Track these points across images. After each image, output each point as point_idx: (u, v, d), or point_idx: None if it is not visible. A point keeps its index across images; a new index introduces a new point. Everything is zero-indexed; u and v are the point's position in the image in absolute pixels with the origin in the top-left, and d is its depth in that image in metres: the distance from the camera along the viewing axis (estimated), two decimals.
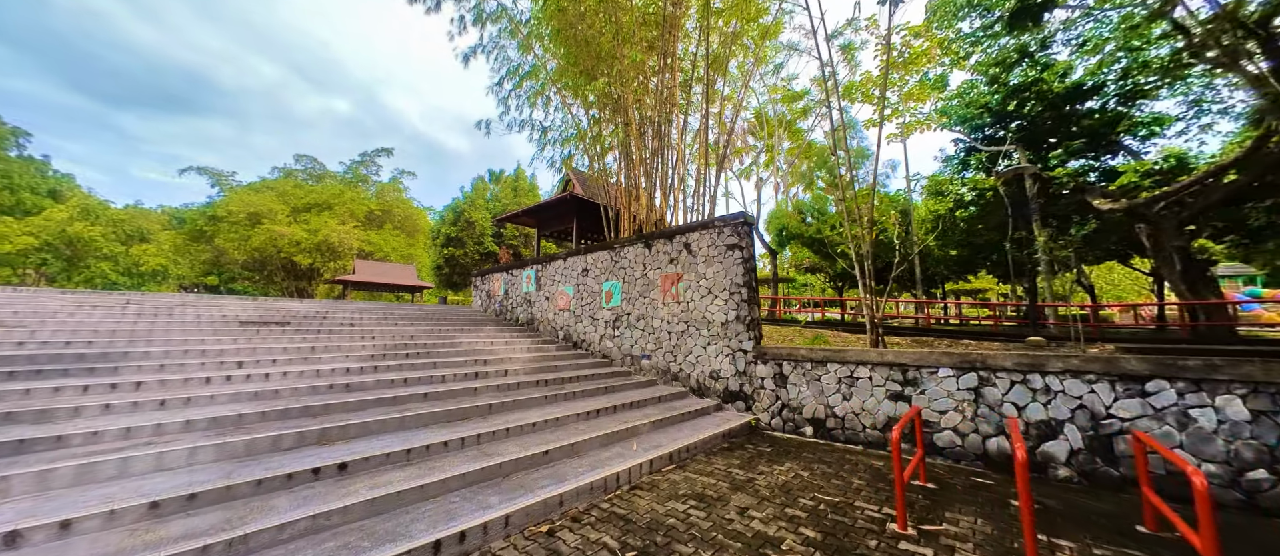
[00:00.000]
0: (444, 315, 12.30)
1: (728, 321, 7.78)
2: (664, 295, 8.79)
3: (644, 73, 10.43)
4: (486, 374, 7.46)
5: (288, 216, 32.62)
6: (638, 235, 9.43)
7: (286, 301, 11.37)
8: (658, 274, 8.98)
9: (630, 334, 9.34)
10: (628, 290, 9.52)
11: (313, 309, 10.47)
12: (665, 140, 10.28)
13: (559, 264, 11.26)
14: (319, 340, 8.12)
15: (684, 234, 8.64)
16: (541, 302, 11.69)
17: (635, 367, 9.17)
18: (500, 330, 11.33)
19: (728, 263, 7.90)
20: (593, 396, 7.29)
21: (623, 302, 9.57)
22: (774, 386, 7.17)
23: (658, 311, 8.89)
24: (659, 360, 8.77)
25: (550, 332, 11.31)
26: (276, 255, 31.23)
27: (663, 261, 8.91)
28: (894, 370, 6.09)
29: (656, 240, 9.07)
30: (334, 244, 31.65)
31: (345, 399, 5.44)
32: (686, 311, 8.40)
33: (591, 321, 10.21)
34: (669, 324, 8.67)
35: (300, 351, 7.29)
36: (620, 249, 9.76)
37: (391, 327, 9.88)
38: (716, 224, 8.14)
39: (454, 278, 31.34)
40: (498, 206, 31.70)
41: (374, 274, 32.87)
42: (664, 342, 8.72)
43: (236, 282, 38.66)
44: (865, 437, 6.22)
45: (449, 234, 31.02)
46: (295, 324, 8.99)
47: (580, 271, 10.63)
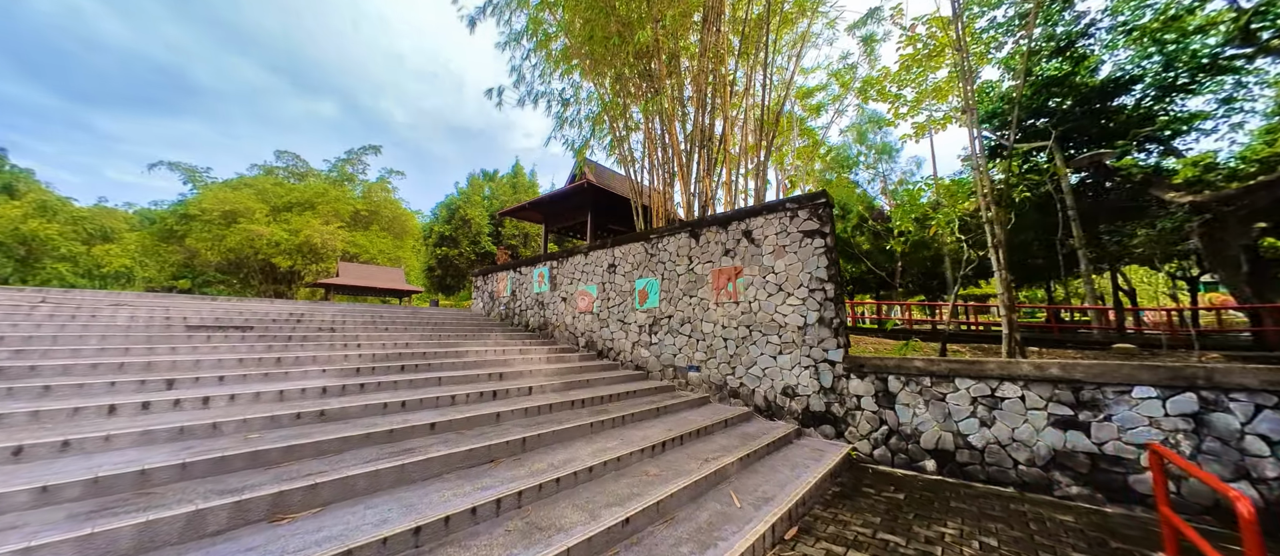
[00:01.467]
0: (441, 319, 10.48)
1: (807, 325, 6.19)
2: (717, 294, 7.17)
3: (685, 32, 8.87)
4: (506, 392, 5.71)
5: (267, 216, 30.25)
6: (680, 223, 7.81)
7: (255, 302, 9.45)
8: (708, 269, 7.35)
9: (672, 341, 7.68)
10: (668, 289, 7.87)
11: (285, 310, 8.57)
12: (716, 111, 8.70)
13: (579, 260, 9.56)
14: (289, 349, 6.28)
15: (742, 219, 7.04)
16: (557, 304, 9.96)
17: (679, 381, 7.50)
18: (509, 336, 9.55)
19: (804, 253, 6.32)
20: (645, 422, 5.60)
21: (661, 303, 7.92)
22: (876, 407, 5.58)
23: (708, 313, 7.26)
24: (711, 372, 7.12)
25: (568, 339, 9.57)
26: (253, 256, 28.82)
27: (715, 253, 7.30)
28: (1061, 388, 4.55)
29: (706, 228, 7.45)
30: (316, 245, 29.34)
31: (318, 435, 3.66)
32: (748, 313, 6.79)
33: (621, 326, 8.52)
34: (724, 328, 7.04)
35: (262, 365, 5.46)
36: (658, 240, 8.12)
37: (381, 333, 8.05)
38: (787, 206, 6.57)
39: (447, 280, 29.19)
40: (495, 204, 29.70)
41: (359, 277, 30.59)
42: (717, 351, 7.08)
43: (211, 286, 35.93)
44: (1018, 477, 4.65)
45: (442, 233, 28.86)
46: (261, 329, 7.12)
47: (606, 267, 8.95)
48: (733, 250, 7.08)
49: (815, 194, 6.34)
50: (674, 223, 8.86)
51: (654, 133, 9.56)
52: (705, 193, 8.78)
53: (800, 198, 6.47)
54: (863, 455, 5.57)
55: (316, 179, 35.31)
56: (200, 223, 28.29)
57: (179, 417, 3.72)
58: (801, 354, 6.20)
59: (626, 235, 8.71)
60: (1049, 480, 4.50)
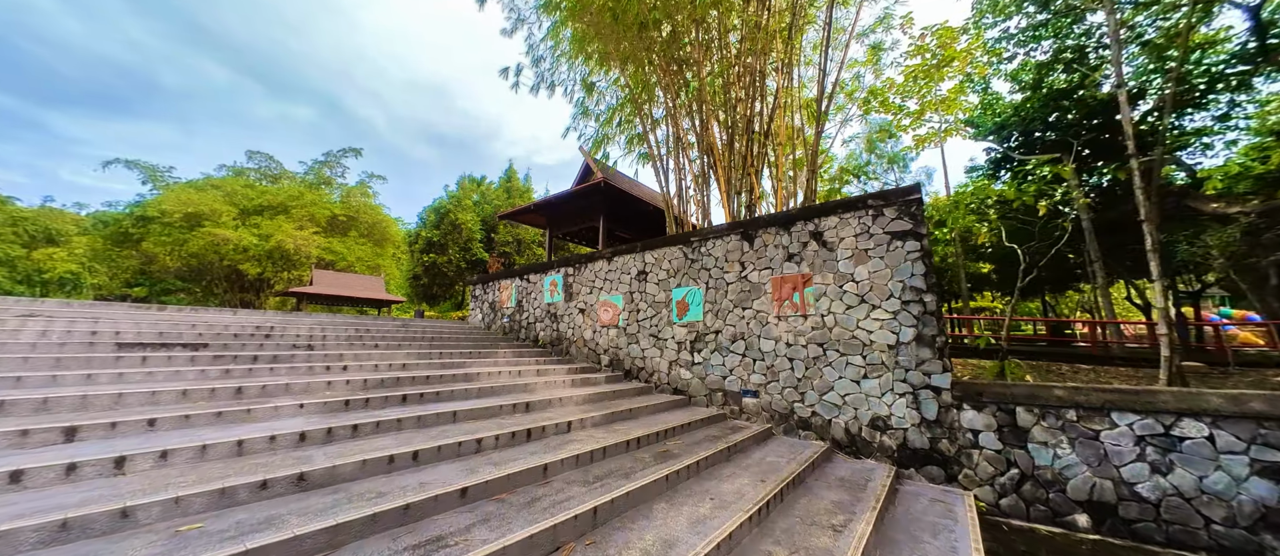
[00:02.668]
0: (437, 333, 9.03)
1: (900, 343, 5.10)
2: (778, 305, 6.03)
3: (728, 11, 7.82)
4: (542, 431, 4.39)
5: (235, 219, 27.91)
6: (731, 224, 6.67)
7: (213, 312, 7.83)
8: (766, 276, 6.22)
9: (721, 360, 6.48)
10: (714, 299, 6.69)
11: (250, 323, 7.02)
12: (765, 97, 7.63)
13: (600, 266, 8.31)
14: (253, 376, 4.82)
15: (809, 219, 5.95)
16: (573, 317, 8.65)
17: (730, 408, 6.30)
18: (519, 353, 8.19)
19: (893, 257, 5.26)
20: (722, 468, 4.36)
21: (706, 316, 6.73)
22: (1000, 446, 4.49)
23: (768, 328, 6.10)
24: (772, 398, 5.95)
25: (588, 356, 8.26)
26: (218, 262, 26.43)
27: (775, 258, 6.17)
28: (1269, 427, 3.55)
29: (762, 230, 6.33)
30: (289, 251, 27.11)
31: (295, 521, 2.30)
32: (821, 328, 5.66)
33: (654, 342, 7.28)
34: (789, 346, 5.89)
35: (215, 401, 4.01)
36: (700, 243, 6.96)
37: (370, 351, 6.60)
38: (870, 203, 5.51)
39: (434, 289, 27.18)
40: (487, 209, 27.96)
41: (335, 286, 28.45)
42: (781, 373, 5.92)
43: (170, 294, 33.00)
44: (1212, 540, 3.61)
45: (430, 238, 26.85)
46: (217, 347, 5.60)
47: (635, 275, 7.72)
48: (798, 255, 5.97)
49: (906, 189, 5.30)
50: (728, 223, 7.71)
51: (681, 126, 8.44)
52: (752, 191, 7.68)
53: (886, 193, 5.43)
54: (987, 505, 4.46)
55: (291, 182, 33.04)
56: (159, 225, 25.80)
57: (67, 496, 2.32)
58: (894, 378, 5.10)
59: (660, 239, 7.52)
60: (1260, 546, 3.46)
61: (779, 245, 6.15)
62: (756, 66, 7.66)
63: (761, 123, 7.78)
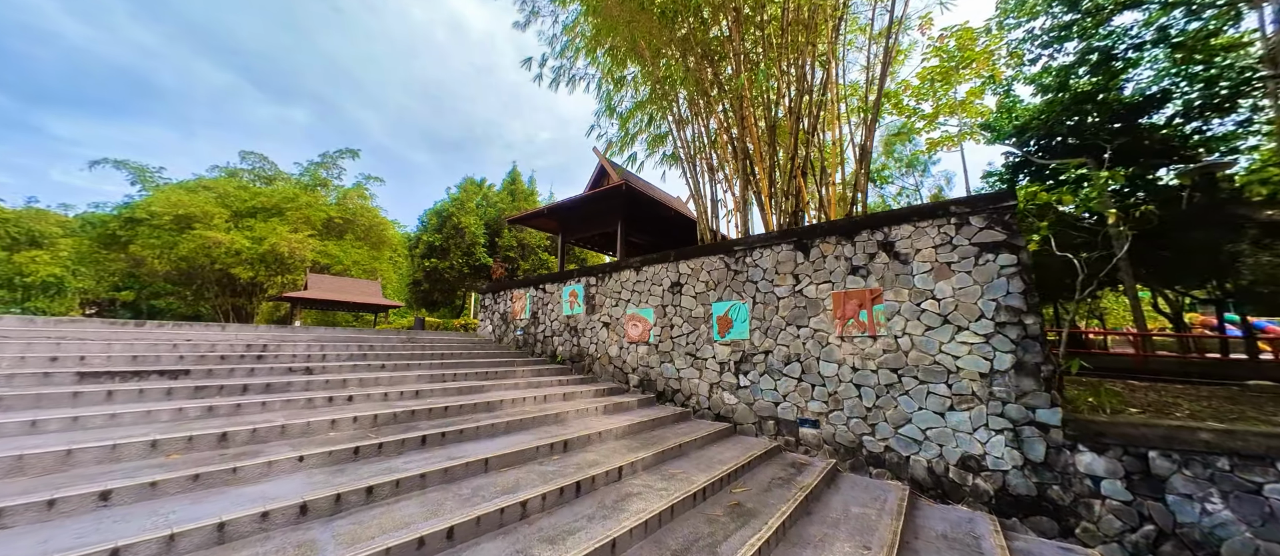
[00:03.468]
0: (445, 347, 8.23)
1: (995, 372, 4.39)
2: (841, 325, 5.31)
3: None
4: (593, 485, 3.63)
5: (228, 221, 26.90)
6: (781, 232, 5.95)
7: (198, 328, 6.97)
8: (825, 291, 5.50)
9: (772, 384, 5.75)
10: (762, 316, 5.96)
11: (240, 342, 6.18)
12: (810, 91, 6.89)
13: (628, 277, 7.56)
14: (243, 412, 4.01)
15: (878, 228, 5.24)
16: (596, 331, 7.89)
17: (784, 439, 5.56)
18: (538, 372, 7.41)
19: (983, 272, 4.56)
20: (807, 527, 3.62)
21: (753, 334, 6.00)
22: (1129, 497, 3.79)
23: (828, 350, 5.38)
24: (836, 429, 5.22)
25: (614, 374, 7.50)
26: (209, 266, 25.39)
27: (836, 271, 5.46)
28: None
29: (821, 238, 5.62)
30: (283, 255, 26.11)
31: None
32: (894, 351, 4.95)
33: (692, 361, 6.54)
34: (856, 371, 5.17)
35: (193, 452, 3.21)
36: (745, 253, 6.23)
37: (376, 373, 5.80)
38: (953, 209, 4.81)
39: (434, 295, 26.17)
40: (491, 212, 26.99)
41: (331, 290, 27.45)
42: (846, 401, 5.20)
43: (160, 298, 31.84)
44: None
45: (431, 242, 25.82)
46: (201, 373, 4.79)
47: (668, 287, 6.98)
48: (865, 267, 5.26)
49: (997, 195, 4.61)
50: (779, 230, 6.98)
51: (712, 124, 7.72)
52: (798, 195, 6.97)
53: (972, 199, 4.73)
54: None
55: (286, 183, 32.04)
56: (148, 228, 24.76)
57: None
58: (989, 411, 4.39)
59: (697, 247, 6.79)
60: None
61: (840, 256, 5.44)
62: (803, 58, 6.96)
63: (809, 118, 7.07)
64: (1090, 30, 14.32)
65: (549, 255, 25.79)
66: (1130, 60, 14.53)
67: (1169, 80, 14.68)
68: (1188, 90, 14.48)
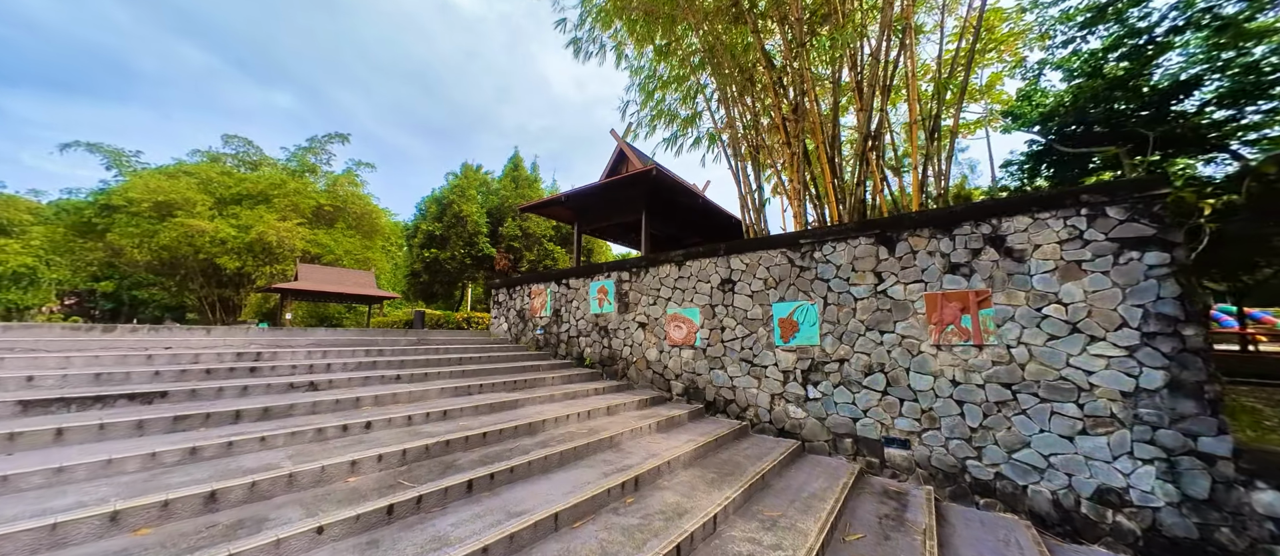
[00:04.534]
0: (460, 349, 7.37)
1: (1142, 390, 3.68)
2: (937, 331, 4.57)
3: None
4: (692, 543, 2.85)
5: (211, 209, 25.47)
6: (859, 224, 5.16)
7: (181, 332, 6.00)
8: (917, 291, 4.74)
9: (850, 396, 5.01)
10: (836, 319, 5.19)
11: (231, 348, 5.26)
12: (885, 60, 6.05)
13: (667, 272, 6.73)
14: (234, 456, 3.14)
15: (985, 218, 4.47)
16: (630, 332, 7.08)
17: (866, 460, 4.84)
18: (568, 378, 6.59)
19: (1125, 273, 3.82)
20: None
21: (825, 339, 5.23)
22: None
23: (921, 360, 4.64)
24: (931, 451, 4.50)
25: (653, 380, 6.71)
26: (193, 256, 24.04)
27: (930, 269, 4.69)
28: None
29: (911, 231, 4.84)
30: (271, 244, 24.79)
31: None
32: (1005, 362, 4.22)
33: (747, 368, 5.77)
34: (957, 384, 4.44)
35: (171, 516, 2.35)
36: (815, 247, 5.43)
37: (392, 387, 4.94)
38: (1084, 198, 4.05)
39: (434, 287, 24.95)
40: (493, 200, 25.72)
41: (322, 281, 26.21)
42: (943, 419, 4.48)
43: (141, 289, 30.31)
44: None
45: (431, 232, 24.50)
46: (183, 394, 3.89)
47: (717, 284, 6.17)
48: (967, 266, 4.50)
49: (1141, 181, 3.86)
50: (857, 222, 6.20)
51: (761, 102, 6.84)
52: (865, 183, 6.16)
53: (1109, 187, 3.98)
54: None
55: (273, 169, 30.50)
56: (126, 215, 23.30)
57: None
58: (1134, 437, 3.69)
59: (752, 240, 5.98)
60: None
61: (935, 252, 4.67)
62: (884, 18, 6.11)
63: (881, 93, 6.24)
64: (1125, 9, 13.62)
65: (554, 245, 24.67)
66: (1162, 44, 13.89)
67: (1200, 66, 14.10)
68: (1219, 77, 13.92)
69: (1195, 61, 14.51)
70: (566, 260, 25.35)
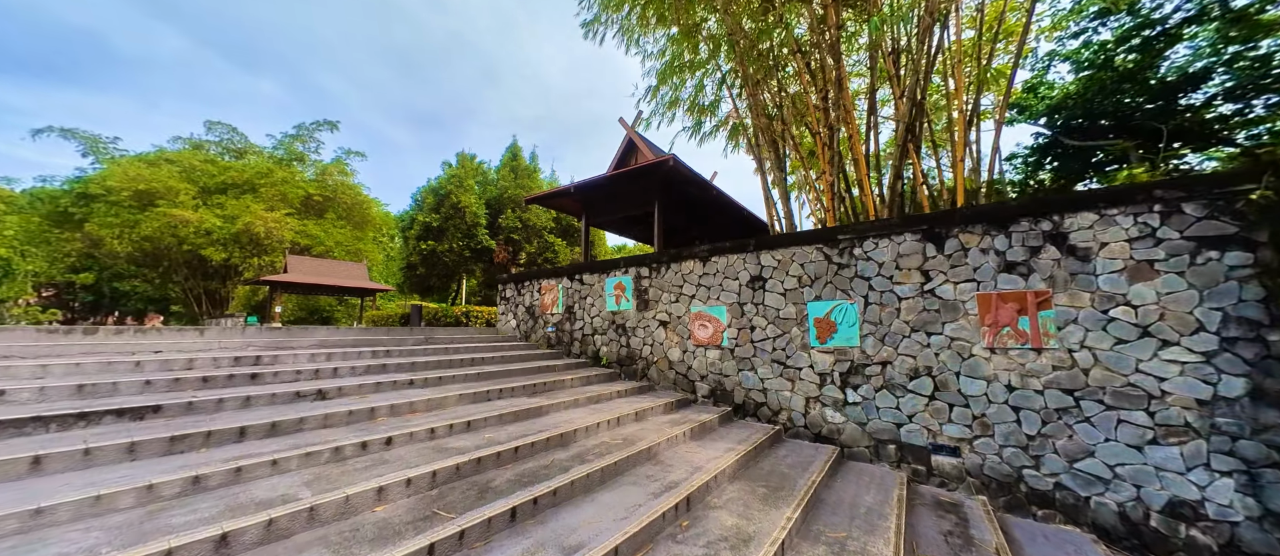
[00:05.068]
0: (467, 348, 7.00)
1: (1220, 398, 3.46)
2: (991, 333, 4.31)
3: None
4: None
5: (195, 198, 24.52)
6: (905, 219, 4.86)
7: (171, 333, 5.52)
8: (969, 291, 4.47)
9: (894, 401, 4.75)
10: (878, 319, 4.91)
11: (227, 352, 4.83)
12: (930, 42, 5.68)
13: (690, 268, 6.40)
14: (244, 485, 2.76)
15: (1045, 214, 4.20)
16: (650, 330, 6.75)
17: (912, 468, 4.59)
18: (586, 379, 6.26)
19: (1204, 274, 3.58)
20: None
21: (865, 341, 4.95)
22: None
23: (973, 363, 4.38)
24: (984, 459, 4.26)
25: (675, 382, 6.40)
26: (177, 247, 23.15)
27: (984, 268, 4.42)
28: None
29: (963, 227, 4.55)
30: (259, 235, 23.95)
31: None
32: (1070, 369, 3.98)
33: (779, 369, 5.48)
34: (1012, 390, 4.19)
35: None
36: (855, 243, 5.13)
37: (405, 393, 4.58)
38: (1156, 193, 3.79)
39: (431, 279, 24.23)
40: (491, 191, 24.95)
41: (313, 273, 25.51)
42: (997, 425, 4.23)
43: (123, 281, 29.27)
44: None
45: (427, 223, 23.70)
46: (178, 408, 3.47)
47: (747, 281, 5.86)
48: (1024, 264, 4.23)
49: (1220, 176, 3.59)
50: (899, 217, 5.90)
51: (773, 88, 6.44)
52: (906, 173, 5.86)
53: (1186, 181, 3.72)
54: None
55: (258, 157, 29.42)
56: (105, 204, 22.31)
57: None
58: (1210, 447, 3.47)
59: (786, 235, 5.66)
60: None
61: (989, 249, 4.40)
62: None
63: (922, 77, 5.91)
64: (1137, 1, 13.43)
65: (555, 237, 24.10)
66: (1173, 35, 13.77)
67: (1206, 60, 14.00)
68: (1225, 71, 13.83)
69: (1202, 54, 14.40)
70: (567, 252, 24.86)
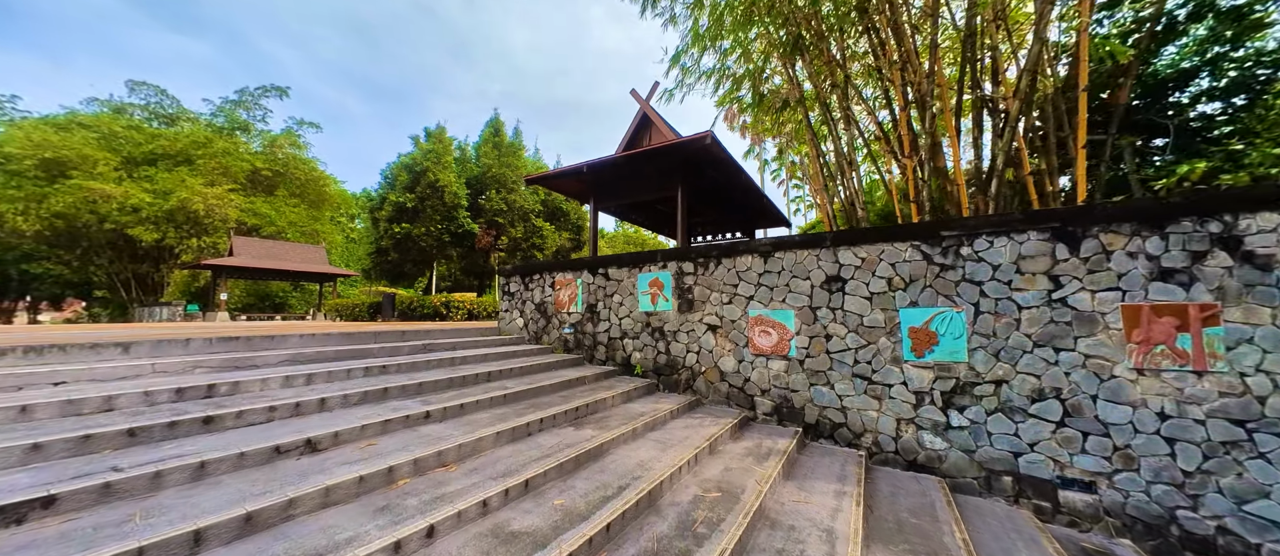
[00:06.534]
0: (474, 353, 5.85)
1: None
2: (1138, 352, 3.64)
3: None
4: None
5: (117, 169, 21.30)
6: (1028, 214, 4.10)
7: (79, 353, 4.07)
8: (1110, 302, 3.78)
9: (1010, 426, 4.05)
10: (991, 330, 4.18)
11: (165, 380, 3.52)
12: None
13: (747, 264, 5.48)
14: None
15: (1214, 213, 3.52)
16: (696, 335, 5.81)
17: (1029, 501, 3.94)
18: (625, 394, 5.28)
19: None
20: None
21: (974, 355, 4.22)
22: None
23: (1114, 386, 3.72)
24: (1127, 497, 3.64)
25: (728, 395, 5.52)
26: (98, 225, 20.09)
27: (1131, 275, 3.73)
28: None
29: (1105, 226, 3.83)
30: (198, 213, 21.10)
31: None
32: (1242, 396, 3.36)
33: (863, 386, 4.70)
34: (1165, 419, 3.56)
35: None
36: (964, 241, 4.35)
37: (420, 430, 3.46)
38: None
39: (405, 266, 22.02)
40: (473, 170, 22.67)
41: (263, 256, 22.84)
42: (1143, 458, 3.61)
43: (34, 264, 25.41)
44: None
45: (400, 203, 21.31)
46: (88, 496, 2.25)
47: (820, 282, 5.00)
48: (1186, 272, 3.56)
49: None
50: (1024, 211, 5.13)
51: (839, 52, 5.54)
52: (1016, 163, 5.12)
53: None
54: None
55: (194, 124, 26.00)
56: (3, 174, 18.95)
57: None
58: None
59: (872, 230, 4.82)
60: None
61: (1139, 253, 3.70)
62: None
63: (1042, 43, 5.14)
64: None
65: (542, 221, 22.45)
66: (1167, 32, 13.85)
67: (1191, 60, 14.19)
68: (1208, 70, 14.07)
69: (1186, 53, 14.53)
70: (555, 237, 23.28)
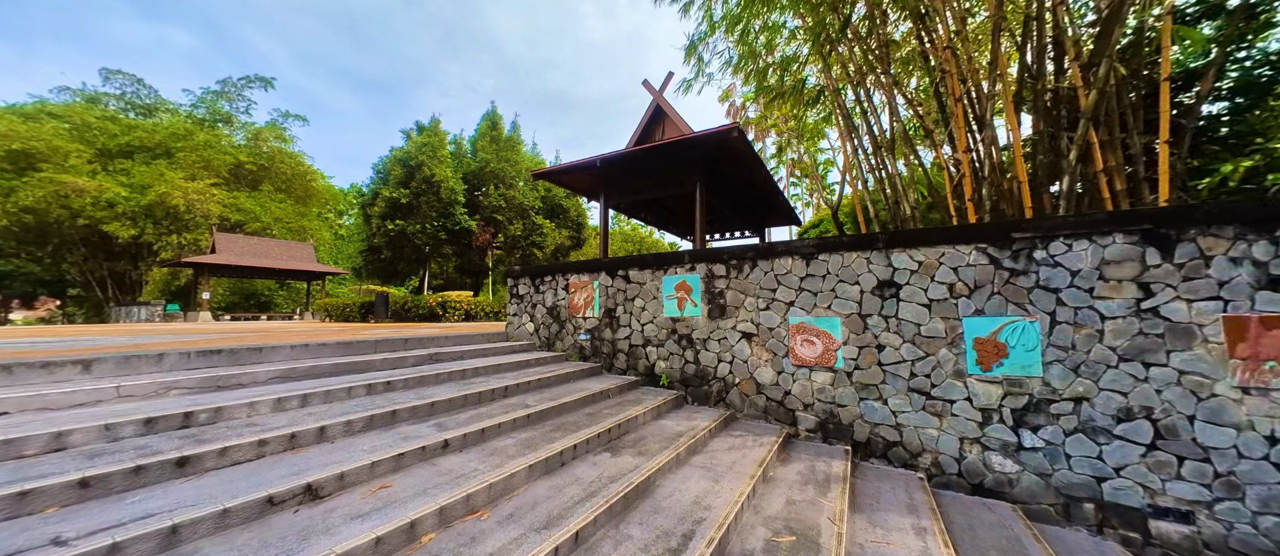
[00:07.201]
0: (485, 364, 5.34)
1: None
2: (1245, 368, 3.26)
3: None
4: None
5: (91, 162, 20.25)
6: (1114, 215, 3.70)
7: (28, 374, 3.50)
8: (1210, 312, 3.39)
9: (1093, 449, 3.66)
10: (1069, 342, 3.78)
11: (127, 412, 2.97)
12: None
13: (786, 267, 5.03)
14: None
15: None
16: (729, 343, 5.36)
17: (1114, 530, 3.56)
18: (656, 410, 4.81)
19: None
20: None
21: (1050, 369, 3.82)
22: None
23: (1216, 406, 3.34)
24: (1230, 527, 3.27)
25: (766, 409, 5.08)
26: (70, 221, 19.06)
27: (1235, 283, 3.34)
28: None
29: (1203, 228, 3.44)
30: (177, 208, 20.13)
31: None
32: None
33: (921, 402, 4.29)
34: (1277, 443, 3.20)
35: None
36: (1036, 244, 3.94)
37: (446, 467, 2.95)
38: None
39: (398, 264, 21.12)
40: (470, 164, 21.82)
41: (248, 254, 21.92)
42: (1251, 486, 3.23)
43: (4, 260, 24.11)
44: None
45: (394, 199, 20.35)
46: None
47: (871, 288, 4.57)
48: None
49: None
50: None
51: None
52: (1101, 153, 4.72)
53: None
54: None
55: (173, 116, 24.89)
56: None
57: None
58: None
59: (929, 231, 4.40)
60: None
61: (1243, 259, 3.33)
62: None
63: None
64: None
65: (542, 218, 21.74)
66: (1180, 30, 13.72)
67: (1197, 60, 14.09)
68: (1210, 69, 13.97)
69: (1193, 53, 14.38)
70: (555, 234, 22.61)
